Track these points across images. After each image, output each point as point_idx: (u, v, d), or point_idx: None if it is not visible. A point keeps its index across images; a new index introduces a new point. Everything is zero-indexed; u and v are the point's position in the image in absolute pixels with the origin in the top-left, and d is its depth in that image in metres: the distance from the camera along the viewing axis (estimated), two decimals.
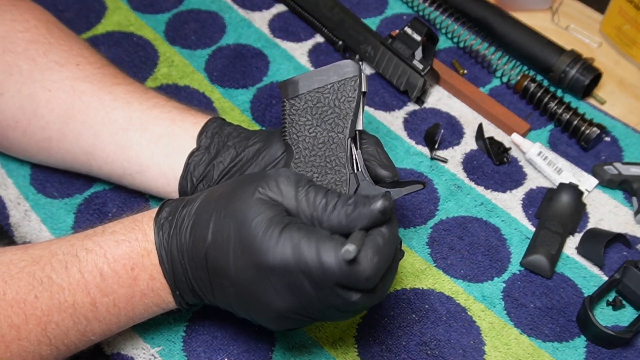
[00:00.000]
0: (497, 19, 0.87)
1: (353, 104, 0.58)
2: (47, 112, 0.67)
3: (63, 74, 0.67)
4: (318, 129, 0.58)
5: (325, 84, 0.58)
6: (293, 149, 0.59)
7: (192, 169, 0.65)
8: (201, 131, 0.65)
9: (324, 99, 0.58)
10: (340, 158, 0.58)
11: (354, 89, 0.58)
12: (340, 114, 0.58)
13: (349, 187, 0.57)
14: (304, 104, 0.59)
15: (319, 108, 0.58)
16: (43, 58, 0.67)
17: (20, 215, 0.71)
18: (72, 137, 0.67)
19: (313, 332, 0.64)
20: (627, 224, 0.73)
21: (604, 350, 0.64)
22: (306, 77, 0.59)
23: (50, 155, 0.69)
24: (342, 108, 0.58)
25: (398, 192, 0.57)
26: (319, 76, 0.59)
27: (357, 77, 0.58)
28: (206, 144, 0.65)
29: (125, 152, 0.66)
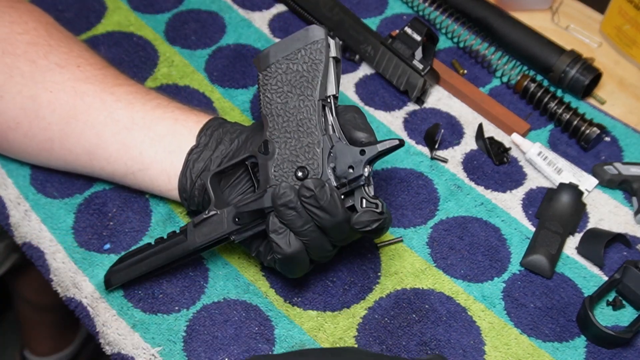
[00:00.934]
0: (497, 19, 0.87)
1: (321, 66, 0.58)
2: (49, 113, 0.67)
3: (64, 76, 0.67)
4: (289, 95, 0.59)
5: (293, 50, 0.59)
6: (267, 119, 0.59)
7: (192, 166, 0.65)
8: (201, 129, 0.66)
9: (293, 66, 0.59)
10: (312, 121, 0.58)
11: (320, 51, 0.58)
12: (309, 78, 0.58)
13: (322, 149, 0.57)
14: (275, 73, 0.59)
15: (289, 75, 0.59)
16: (43, 60, 0.67)
17: (20, 215, 0.71)
18: (74, 138, 0.67)
19: (313, 332, 0.64)
20: (627, 224, 0.73)
21: (604, 350, 0.64)
22: (275, 46, 0.60)
23: (52, 156, 0.69)
24: (311, 72, 0.58)
25: (372, 150, 0.57)
26: (287, 44, 0.59)
27: (323, 39, 0.58)
28: (205, 141, 0.65)
29: (128, 151, 0.66)
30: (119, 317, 0.64)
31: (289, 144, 0.59)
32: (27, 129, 0.68)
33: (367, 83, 0.85)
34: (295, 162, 0.58)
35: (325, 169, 0.58)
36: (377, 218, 0.56)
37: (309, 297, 0.66)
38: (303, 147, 0.58)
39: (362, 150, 0.57)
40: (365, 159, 0.56)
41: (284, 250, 0.57)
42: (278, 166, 0.59)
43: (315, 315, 0.65)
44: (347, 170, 0.57)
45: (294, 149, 0.58)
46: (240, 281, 0.68)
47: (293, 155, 0.58)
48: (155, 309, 0.65)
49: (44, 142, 0.68)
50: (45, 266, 0.68)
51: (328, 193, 0.56)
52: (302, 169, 0.58)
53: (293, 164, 0.58)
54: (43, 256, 0.69)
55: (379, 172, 0.76)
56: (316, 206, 0.56)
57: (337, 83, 0.59)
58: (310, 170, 0.58)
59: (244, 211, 0.59)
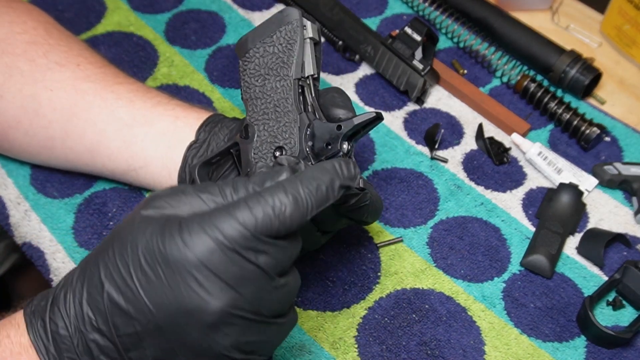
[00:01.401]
0: (497, 19, 0.87)
1: (295, 45, 0.58)
2: (50, 111, 0.67)
3: (64, 74, 0.67)
4: (267, 78, 0.59)
5: (269, 33, 0.59)
6: (247, 104, 0.59)
7: (190, 161, 0.65)
8: (200, 125, 0.66)
9: (269, 48, 0.59)
10: (289, 100, 0.57)
11: (294, 32, 0.58)
12: (284, 58, 0.58)
13: (299, 127, 0.57)
14: (253, 58, 0.59)
15: (266, 58, 0.59)
16: (43, 59, 0.67)
17: (20, 215, 0.71)
18: (76, 135, 0.67)
19: (313, 332, 0.64)
20: (627, 224, 0.73)
21: (604, 350, 0.64)
22: (252, 32, 0.60)
23: (53, 154, 0.69)
24: (286, 52, 0.58)
25: (348, 124, 0.56)
26: (263, 28, 0.59)
27: (297, 19, 0.58)
28: (204, 137, 0.65)
29: (130, 148, 0.66)
30: None
31: (268, 126, 0.58)
32: (27, 127, 0.68)
33: (367, 83, 0.85)
34: (274, 143, 0.58)
35: (302, 147, 0.56)
36: (355, 193, 0.54)
37: (309, 297, 0.66)
38: (280, 127, 0.57)
39: (338, 126, 0.56)
40: (341, 134, 0.56)
41: None
42: (257, 148, 0.58)
43: (315, 315, 0.65)
44: (325, 147, 0.56)
45: (272, 129, 0.58)
46: None
47: (271, 136, 0.58)
48: None
49: (45, 141, 0.68)
50: (46, 266, 0.68)
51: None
52: (279, 149, 0.57)
53: (271, 145, 0.58)
54: (43, 256, 0.69)
55: (378, 172, 0.76)
56: None
57: (316, 64, 0.58)
58: (287, 150, 0.57)
59: None
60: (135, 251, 0.42)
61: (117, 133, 0.66)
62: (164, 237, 0.42)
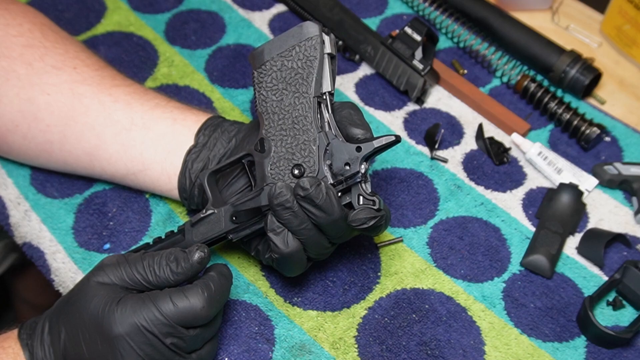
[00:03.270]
0: (497, 19, 0.87)
1: (315, 62, 0.58)
2: (48, 115, 0.67)
3: (61, 77, 0.67)
4: (284, 92, 0.59)
5: (287, 47, 0.58)
6: (263, 117, 0.59)
7: (190, 166, 0.65)
8: (199, 129, 0.66)
9: (287, 63, 0.58)
10: (307, 118, 0.58)
11: (314, 48, 0.58)
12: (304, 75, 0.58)
13: (318, 146, 0.57)
14: (270, 71, 0.59)
15: (284, 72, 0.58)
16: (39, 62, 0.67)
17: (20, 215, 0.71)
18: (74, 139, 0.67)
19: (313, 332, 0.64)
20: (627, 224, 0.73)
21: (604, 350, 0.64)
22: (270, 44, 0.59)
23: (51, 158, 0.69)
24: (305, 68, 0.58)
25: (368, 146, 0.56)
26: (281, 41, 0.59)
27: (317, 36, 0.58)
28: (204, 140, 0.65)
29: (128, 152, 0.66)
30: None
31: (285, 142, 0.58)
32: (26, 131, 0.68)
33: (367, 83, 0.85)
34: (292, 160, 0.58)
35: (321, 166, 0.57)
36: (374, 215, 0.56)
37: (309, 297, 0.66)
38: (299, 145, 0.58)
39: (358, 147, 0.56)
40: (361, 156, 0.56)
41: (281, 249, 0.57)
42: (274, 164, 0.59)
43: (315, 315, 0.65)
44: (344, 167, 0.57)
45: (289, 146, 0.58)
46: (240, 281, 0.67)
47: (289, 153, 0.58)
48: None
49: (44, 144, 0.68)
50: (46, 266, 0.68)
51: (324, 191, 0.55)
52: (298, 166, 0.58)
53: (289, 162, 0.58)
54: (43, 256, 0.69)
55: (379, 172, 0.76)
56: (312, 205, 0.55)
57: (332, 79, 0.59)
58: (306, 168, 0.58)
59: (241, 210, 0.59)
60: (85, 318, 0.54)
61: (115, 137, 0.66)
62: (104, 311, 0.53)
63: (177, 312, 0.53)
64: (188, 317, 0.53)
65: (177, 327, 0.53)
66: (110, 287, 0.55)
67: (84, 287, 0.55)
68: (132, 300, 0.54)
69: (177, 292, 0.54)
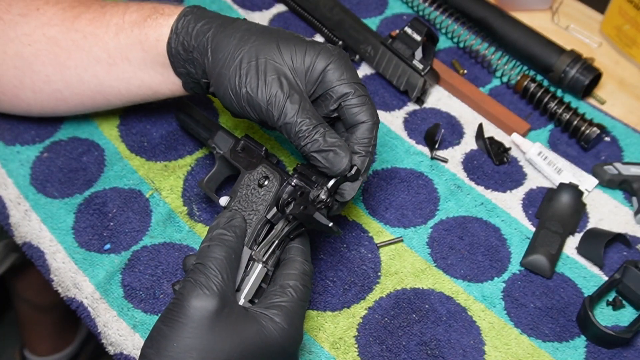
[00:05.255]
0: (497, 19, 0.87)
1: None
2: (41, 66, 0.68)
3: (30, 25, 0.68)
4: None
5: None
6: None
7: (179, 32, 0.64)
8: (170, 38, 0.65)
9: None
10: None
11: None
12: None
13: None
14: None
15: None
16: (7, 14, 0.68)
17: (20, 215, 0.71)
18: (77, 84, 0.69)
19: (313, 332, 0.64)
20: (627, 224, 0.73)
21: (604, 350, 0.64)
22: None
23: (70, 104, 0.71)
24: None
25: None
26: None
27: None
28: (181, 32, 0.64)
29: (130, 82, 0.68)
30: (119, 318, 0.64)
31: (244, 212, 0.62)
32: (32, 85, 0.69)
33: (367, 83, 0.85)
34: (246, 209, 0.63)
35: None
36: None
37: None
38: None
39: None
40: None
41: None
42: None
43: (315, 315, 0.65)
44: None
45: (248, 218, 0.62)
46: None
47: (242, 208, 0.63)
48: (157, 309, 0.65)
49: (54, 94, 0.70)
50: (46, 266, 0.68)
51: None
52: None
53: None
54: (43, 256, 0.69)
55: (379, 172, 0.76)
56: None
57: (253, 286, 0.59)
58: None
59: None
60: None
61: (109, 74, 0.68)
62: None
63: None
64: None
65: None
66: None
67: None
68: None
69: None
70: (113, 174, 0.74)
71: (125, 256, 0.68)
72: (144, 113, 0.79)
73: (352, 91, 0.60)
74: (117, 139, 0.77)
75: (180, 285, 0.52)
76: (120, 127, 0.78)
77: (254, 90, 0.59)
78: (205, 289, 0.51)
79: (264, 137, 0.79)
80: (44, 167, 0.74)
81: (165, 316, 0.51)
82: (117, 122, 0.79)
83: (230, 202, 0.62)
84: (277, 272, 0.58)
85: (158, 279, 0.67)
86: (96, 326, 0.65)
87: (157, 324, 0.51)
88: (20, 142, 0.76)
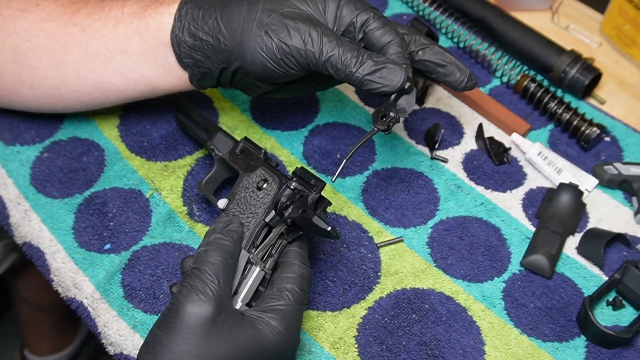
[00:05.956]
0: (497, 19, 0.87)
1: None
2: (38, 62, 0.68)
3: (29, 20, 0.67)
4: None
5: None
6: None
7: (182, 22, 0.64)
8: (172, 32, 0.65)
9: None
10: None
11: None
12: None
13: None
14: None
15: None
16: (7, 9, 0.68)
17: (20, 215, 0.71)
18: (75, 80, 0.69)
19: (313, 332, 0.64)
20: (627, 224, 0.73)
21: (604, 350, 0.64)
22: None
23: (68, 100, 0.71)
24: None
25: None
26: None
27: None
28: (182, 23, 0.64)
29: (128, 77, 0.68)
30: (119, 318, 0.64)
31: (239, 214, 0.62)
32: (29, 80, 0.69)
33: None
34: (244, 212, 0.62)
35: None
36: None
37: (309, 297, 0.66)
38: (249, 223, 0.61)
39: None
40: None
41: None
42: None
43: (315, 315, 0.65)
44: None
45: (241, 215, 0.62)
46: None
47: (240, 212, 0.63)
48: (157, 309, 0.65)
49: (51, 90, 0.69)
50: (46, 266, 0.68)
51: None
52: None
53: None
54: (43, 256, 0.69)
55: (379, 172, 0.76)
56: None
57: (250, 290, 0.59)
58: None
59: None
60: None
61: (107, 69, 0.68)
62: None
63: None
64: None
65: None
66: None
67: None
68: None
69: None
70: (113, 174, 0.75)
71: (125, 256, 0.68)
72: (144, 113, 0.79)
73: (372, 15, 0.60)
74: (117, 139, 0.77)
75: (177, 288, 0.52)
76: (120, 127, 0.78)
77: (285, 38, 0.58)
78: (201, 294, 0.51)
79: (264, 137, 0.79)
80: (44, 167, 0.74)
81: (161, 322, 0.51)
82: (117, 122, 0.79)
83: (229, 205, 0.62)
84: (274, 275, 0.58)
85: (158, 279, 0.67)
86: (96, 326, 0.65)
87: (153, 329, 0.51)
88: (20, 142, 0.76)
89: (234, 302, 0.56)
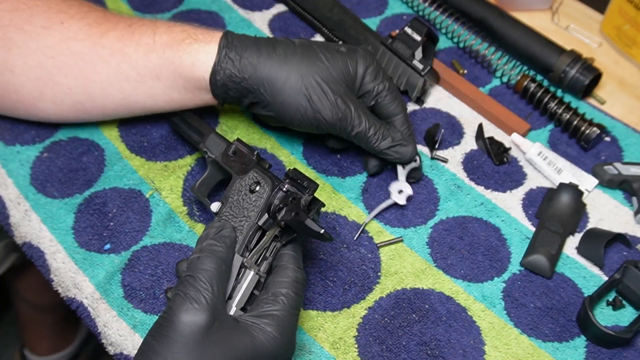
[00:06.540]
0: (497, 19, 0.87)
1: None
2: (64, 79, 0.68)
3: (54, 37, 0.67)
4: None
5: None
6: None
7: (223, 64, 0.67)
8: (213, 70, 0.67)
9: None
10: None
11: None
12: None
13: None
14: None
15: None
16: (29, 25, 0.67)
17: (20, 215, 0.71)
18: (101, 97, 0.69)
19: (313, 332, 0.64)
20: (627, 224, 0.73)
21: (604, 350, 0.64)
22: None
23: (91, 115, 0.72)
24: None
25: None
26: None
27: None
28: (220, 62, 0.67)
29: (157, 99, 0.70)
30: (119, 318, 0.64)
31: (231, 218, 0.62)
32: (52, 97, 0.69)
33: None
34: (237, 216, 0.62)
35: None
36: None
37: (309, 297, 0.66)
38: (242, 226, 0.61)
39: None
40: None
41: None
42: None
43: (315, 315, 0.65)
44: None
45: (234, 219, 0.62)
46: None
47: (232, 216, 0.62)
48: (157, 309, 0.65)
49: (75, 105, 0.70)
50: (46, 266, 0.68)
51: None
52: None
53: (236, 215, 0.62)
54: (43, 256, 0.69)
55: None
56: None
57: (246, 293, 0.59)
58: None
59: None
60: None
61: (136, 90, 0.69)
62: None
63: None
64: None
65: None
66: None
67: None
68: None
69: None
70: (113, 174, 0.75)
71: (125, 256, 0.68)
72: None
73: (386, 87, 0.70)
74: (117, 139, 0.77)
75: (172, 293, 0.52)
76: (120, 127, 0.78)
77: (324, 112, 0.66)
78: (195, 302, 0.50)
79: (264, 138, 0.79)
80: (44, 167, 0.74)
81: (155, 330, 0.51)
82: (117, 122, 0.79)
83: (222, 208, 0.62)
84: (269, 279, 0.58)
85: (158, 279, 0.67)
86: (96, 326, 0.65)
87: (147, 338, 0.51)
88: (20, 142, 0.76)
89: (229, 306, 0.56)
